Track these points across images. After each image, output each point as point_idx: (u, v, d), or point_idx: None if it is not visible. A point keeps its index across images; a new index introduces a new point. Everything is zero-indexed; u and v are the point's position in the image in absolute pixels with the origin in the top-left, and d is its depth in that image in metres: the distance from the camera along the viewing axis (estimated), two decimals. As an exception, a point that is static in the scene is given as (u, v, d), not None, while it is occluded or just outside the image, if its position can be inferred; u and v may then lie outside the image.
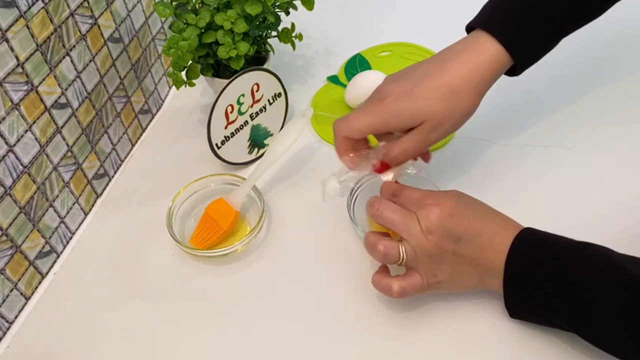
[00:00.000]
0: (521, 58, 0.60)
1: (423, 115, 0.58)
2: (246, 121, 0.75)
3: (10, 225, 0.61)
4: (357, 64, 0.89)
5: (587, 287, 0.51)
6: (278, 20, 0.79)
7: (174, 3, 0.74)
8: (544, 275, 0.53)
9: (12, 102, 0.58)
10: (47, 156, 0.65)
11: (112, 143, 0.77)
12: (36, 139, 0.63)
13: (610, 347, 0.52)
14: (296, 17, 0.80)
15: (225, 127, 0.73)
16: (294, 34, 0.81)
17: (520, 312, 0.57)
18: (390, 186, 0.61)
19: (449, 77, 0.59)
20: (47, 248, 0.67)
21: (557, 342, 0.56)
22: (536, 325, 0.57)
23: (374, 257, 0.58)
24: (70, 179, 0.69)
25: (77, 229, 0.72)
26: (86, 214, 0.74)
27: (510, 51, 0.59)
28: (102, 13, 0.70)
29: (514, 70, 0.62)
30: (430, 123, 0.58)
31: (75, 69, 0.67)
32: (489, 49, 0.59)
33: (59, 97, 0.65)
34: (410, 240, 0.56)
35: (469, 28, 0.62)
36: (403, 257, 0.56)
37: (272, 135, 0.79)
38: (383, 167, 0.62)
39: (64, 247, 0.70)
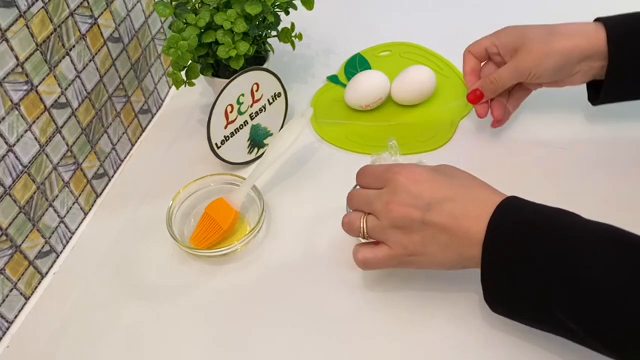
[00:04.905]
0: (613, 42, 0.64)
1: (524, 38, 0.67)
2: (246, 121, 0.75)
3: (10, 225, 0.61)
4: (357, 64, 0.89)
5: (579, 247, 0.48)
6: (278, 20, 0.79)
7: (174, 3, 0.74)
8: (530, 239, 0.49)
9: (12, 102, 0.58)
10: (47, 156, 0.65)
11: (112, 143, 0.77)
12: (36, 139, 0.63)
13: (601, 322, 0.47)
14: (296, 17, 0.80)
15: (225, 127, 0.73)
16: (294, 34, 0.81)
17: (501, 294, 0.52)
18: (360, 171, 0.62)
19: (561, 31, 0.66)
20: (47, 248, 0.67)
21: (544, 345, 0.55)
22: (524, 334, 0.55)
23: (343, 228, 0.60)
24: (70, 179, 0.69)
25: (77, 229, 0.72)
26: (86, 214, 0.74)
27: (607, 29, 0.64)
28: (102, 13, 0.70)
29: (598, 89, 0.68)
30: (523, 50, 0.66)
31: (75, 69, 0.67)
32: (592, 31, 0.65)
33: (59, 97, 0.65)
34: (375, 213, 0.56)
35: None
36: (363, 227, 0.57)
37: (272, 135, 0.79)
38: (477, 97, 0.71)
39: (64, 247, 0.70)
